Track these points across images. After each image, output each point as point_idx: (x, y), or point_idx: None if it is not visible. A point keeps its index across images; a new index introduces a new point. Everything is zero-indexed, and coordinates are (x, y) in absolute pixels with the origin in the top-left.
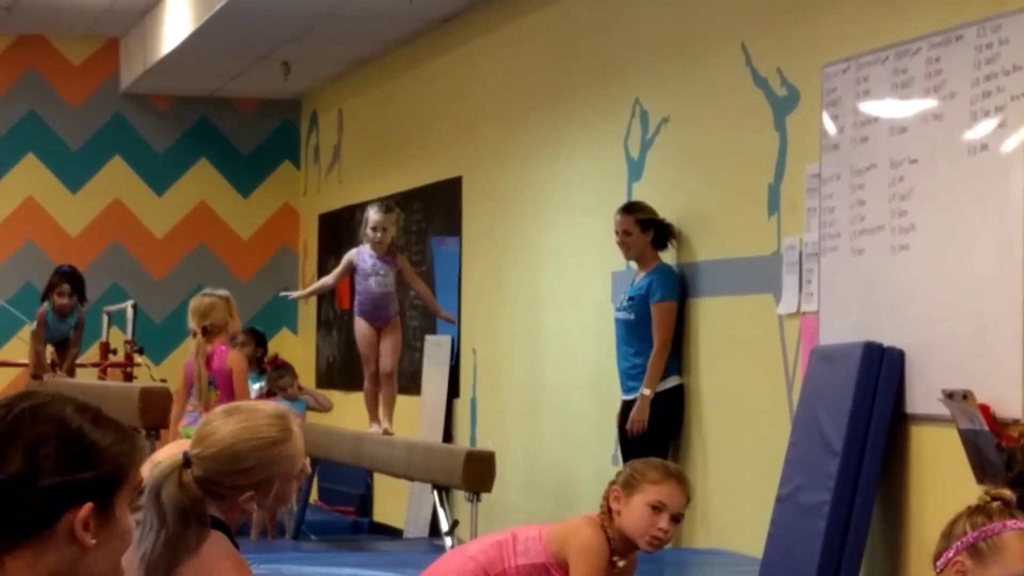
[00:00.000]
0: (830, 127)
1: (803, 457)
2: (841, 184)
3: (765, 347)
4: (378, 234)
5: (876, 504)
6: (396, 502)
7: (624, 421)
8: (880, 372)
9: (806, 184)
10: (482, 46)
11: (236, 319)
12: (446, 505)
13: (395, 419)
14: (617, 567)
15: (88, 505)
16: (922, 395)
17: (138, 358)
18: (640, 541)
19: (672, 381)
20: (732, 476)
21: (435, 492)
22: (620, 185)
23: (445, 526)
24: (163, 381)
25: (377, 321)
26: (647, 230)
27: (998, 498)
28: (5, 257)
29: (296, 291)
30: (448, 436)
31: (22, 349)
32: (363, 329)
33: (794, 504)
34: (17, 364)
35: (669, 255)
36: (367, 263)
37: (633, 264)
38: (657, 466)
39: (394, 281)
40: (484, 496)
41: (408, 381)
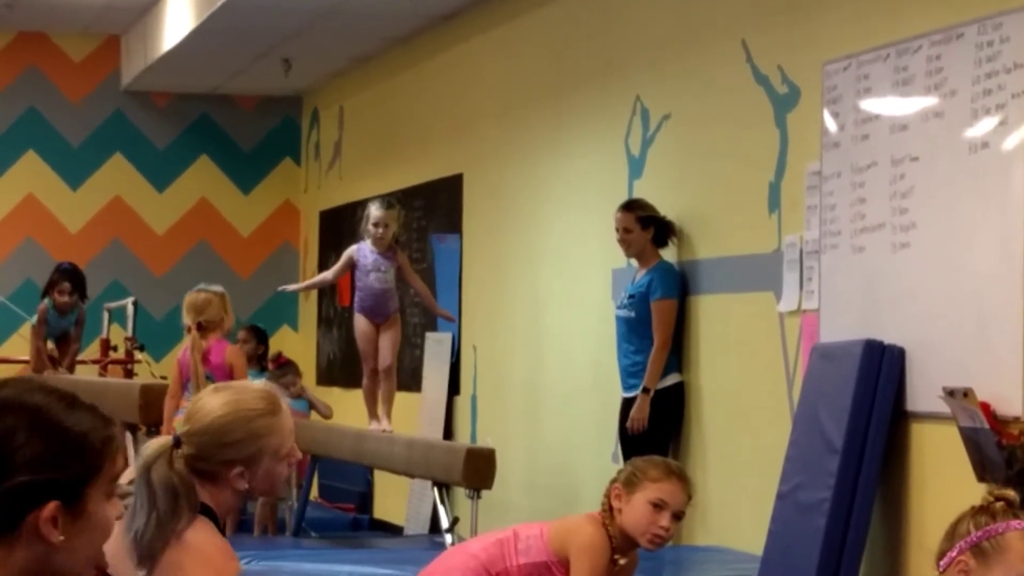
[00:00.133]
0: (831, 125)
1: (803, 455)
2: (842, 182)
3: (765, 345)
4: (379, 230)
5: (876, 502)
6: (396, 499)
7: (624, 419)
8: (880, 370)
9: (807, 182)
10: (483, 43)
11: (231, 315)
12: (446, 502)
13: (395, 416)
14: (618, 565)
15: (52, 504)
16: (922, 393)
17: (138, 355)
18: (641, 539)
19: (672, 379)
20: (732, 474)
21: (435, 489)
22: (621, 182)
23: (445, 523)
24: (163, 378)
25: (377, 317)
26: (648, 228)
27: (1002, 498)
28: (5, 254)
29: (294, 285)
30: (448, 433)
31: (23, 346)
32: (363, 325)
33: (794, 502)
34: (18, 361)
35: (670, 253)
36: (368, 259)
37: (634, 262)
38: (658, 464)
39: (394, 277)
40: (484, 493)
41: (409, 378)
